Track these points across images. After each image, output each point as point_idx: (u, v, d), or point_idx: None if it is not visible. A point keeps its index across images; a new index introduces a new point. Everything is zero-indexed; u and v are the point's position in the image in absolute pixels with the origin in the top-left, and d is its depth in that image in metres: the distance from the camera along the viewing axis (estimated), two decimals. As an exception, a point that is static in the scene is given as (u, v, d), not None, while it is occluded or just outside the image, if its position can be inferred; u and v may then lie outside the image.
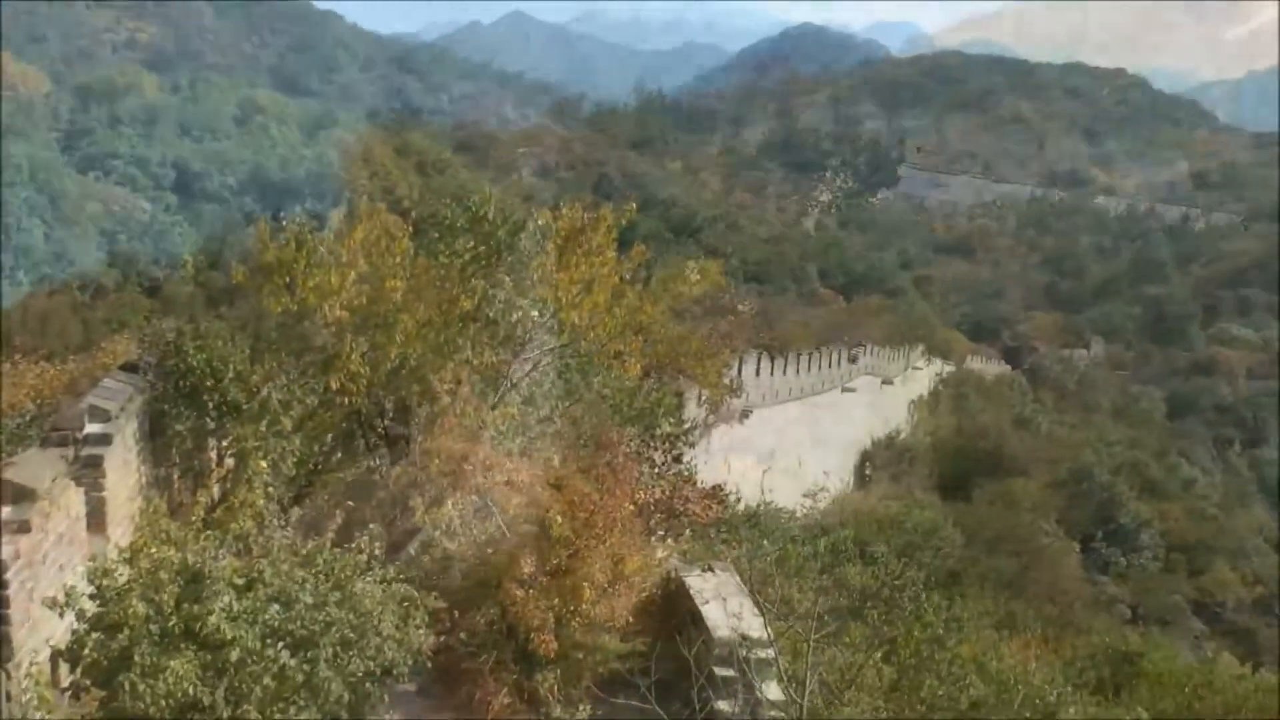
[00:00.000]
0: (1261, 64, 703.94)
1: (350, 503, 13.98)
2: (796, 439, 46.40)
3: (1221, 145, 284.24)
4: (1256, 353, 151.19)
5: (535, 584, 13.24)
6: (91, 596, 9.71)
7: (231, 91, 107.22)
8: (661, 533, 17.90)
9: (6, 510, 9.23)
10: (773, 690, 13.10)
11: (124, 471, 12.40)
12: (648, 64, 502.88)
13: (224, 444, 14.45)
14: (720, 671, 13.18)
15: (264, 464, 12.79)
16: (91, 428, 11.81)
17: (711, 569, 15.68)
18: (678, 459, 21.92)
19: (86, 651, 9.31)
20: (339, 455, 16.18)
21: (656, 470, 19.38)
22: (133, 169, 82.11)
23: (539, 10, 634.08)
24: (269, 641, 9.73)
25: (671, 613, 15.05)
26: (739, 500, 25.95)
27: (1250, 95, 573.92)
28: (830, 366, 50.95)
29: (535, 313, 16.58)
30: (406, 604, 11.29)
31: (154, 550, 9.98)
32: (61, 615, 9.53)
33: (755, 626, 13.82)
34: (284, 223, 16.02)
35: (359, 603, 10.48)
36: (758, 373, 39.42)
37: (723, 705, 12.97)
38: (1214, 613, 66.02)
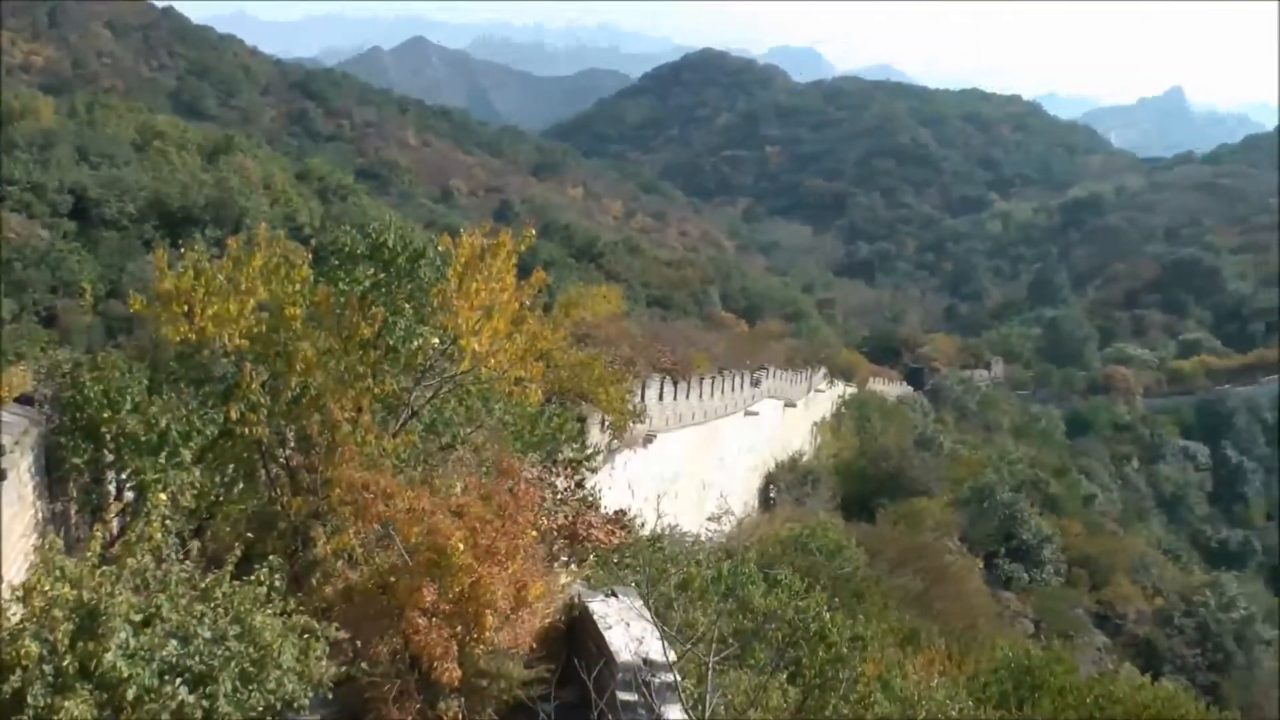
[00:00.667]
0: (1152, 90, 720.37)
1: (249, 534, 13.89)
2: (701, 463, 46.54)
3: (1114, 169, 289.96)
4: (1152, 371, 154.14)
5: (438, 612, 13.18)
6: (-17, 637, 9.55)
7: (130, 116, 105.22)
8: (565, 558, 17.91)
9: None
10: (675, 713, 13.14)
11: (19, 508, 12.20)
12: (549, 90, 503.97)
13: (123, 477, 14.27)
14: (623, 696, 13.19)
15: (163, 497, 12.64)
16: (-16, 463, 11.62)
17: (615, 594, 15.69)
18: (580, 484, 21.93)
19: (-23, 695, 9.14)
20: (240, 486, 16.02)
21: (559, 496, 19.38)
22: (29, 195, 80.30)
23: (440, 36, 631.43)
24: (167, 678, 9.61)
25: (575, 638, 15.06)
26: (643, 524, 26.00)
27: (1142, 120, 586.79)
28: (733, 390, 50.99)
29: (436, 340, 16.55)
30: (307, 636, 11.20)
31: (48, 588, 9.80)
32: (-49, 657, 9.36)
33: (658, 650, 13.86)
34: (182, 250, 15.89)
35: (259, 636, 10.39)
36: (660, 397, 39.39)
37: (625, 730, 12.99)
38: (1115, 625, 67.05)
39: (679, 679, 13.66)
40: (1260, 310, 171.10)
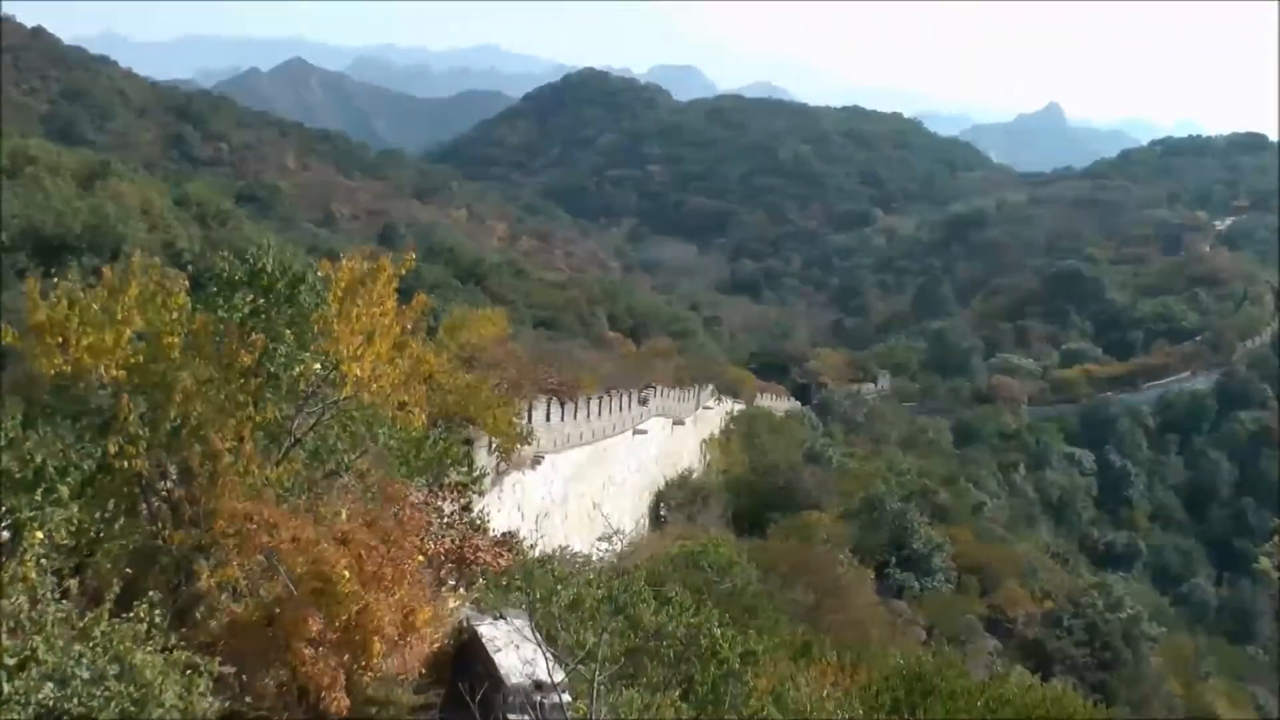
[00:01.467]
0: (1031, 106, 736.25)
1: (129, 570, 13.62)
2: (590, 483, 46.47)
3: (995, 184, 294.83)
4: (1036, 381, 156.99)
5: (324, 641, 13.04)
6: None
7: (1, 141, 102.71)
8: (453, 583, 17.81)
9: None
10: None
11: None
12: (431, 111, 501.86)
13: (-1, 516, 13.95)
14: (513, 718, 13.16)
15: (39, 535, 12.36)
16: None
17: (504, 616, 15.64)
18: (467, 508, 21.81)
19: None
20: (121, 521, 15.69)
21: (446, 520, 19.26)
22: (-105, 226, 77.96)
23: (319, 58, 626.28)
24: (45, 723, 9.41)
25: (464, 662, 14.99)
26: (532, 546, 25.92)
27: (1022, 136, 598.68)
28: (621, 410, 50.97)
29: (317, 366, 16.37)
30: (190, 672, 11.01)
31: (-85, 637, 9.55)
32: None
33: (548, 672, 13.84)
34: (56, 280, 15.59)
35: (139, 674, 10.18)
36: (548, 418, 39.28)
37: (516, 753, 12.96)
38: (1006, 629, 67.84)
39: (568, 699, 13.65)
40: (1139, 319, 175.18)
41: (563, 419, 41.34)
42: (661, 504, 59.62)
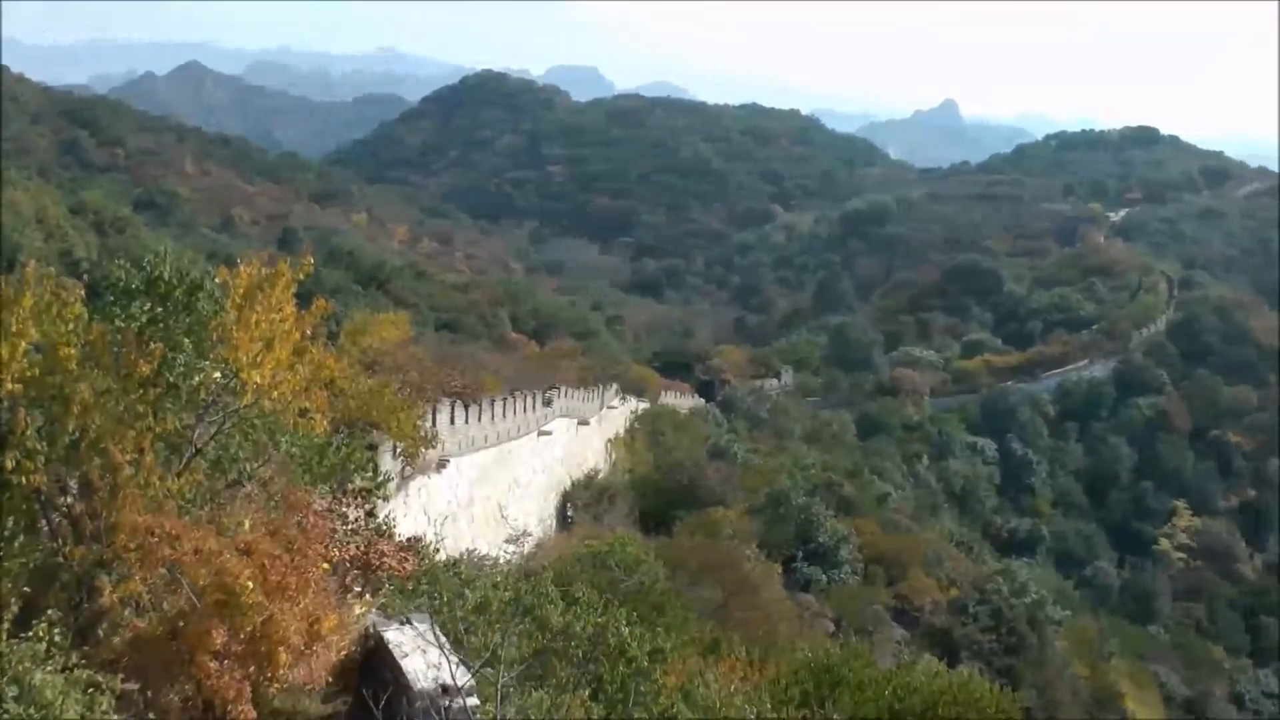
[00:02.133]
0: (927, 103, 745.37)
1: (28, 589, 13.42)
2: (495, 485, 46.35)
3: (893, 180, 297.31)
4: (938, 372, 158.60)
5: (229, 654, 12.94)
6: None
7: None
8: (358, 589, 17.73)
9: None
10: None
11: None
12: (330, 115, 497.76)
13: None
14: (421, 724, 13.15)
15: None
16: None
17: (410, 621, 15.60)
18: (371, 514, 21.70)
19: None
20: (21, 539, 15.44)
21: (350, 526, 19.16)
22: None
23: (216, 61, 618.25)
24: (-58, 748, 9.29)
25: (372, 668, 14.94)
26: (438, 550, 25.85)
27: (919, 132, 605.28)
28: (525, 411, 50.83)
29: (217, 374, 16.21)
30: (92, 690, 10.89)
31: None
32: None
33: (457, 676, 13.82)
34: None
35: (39, 695, 10.06)
36: (452, 421, 39.12)
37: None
38: (913, 618, 68.42)
39: (475, 702, 13.65)
40: (1036, 310, 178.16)
41: (467, 422, 41.20)
42: (568, 505, 59.55)
